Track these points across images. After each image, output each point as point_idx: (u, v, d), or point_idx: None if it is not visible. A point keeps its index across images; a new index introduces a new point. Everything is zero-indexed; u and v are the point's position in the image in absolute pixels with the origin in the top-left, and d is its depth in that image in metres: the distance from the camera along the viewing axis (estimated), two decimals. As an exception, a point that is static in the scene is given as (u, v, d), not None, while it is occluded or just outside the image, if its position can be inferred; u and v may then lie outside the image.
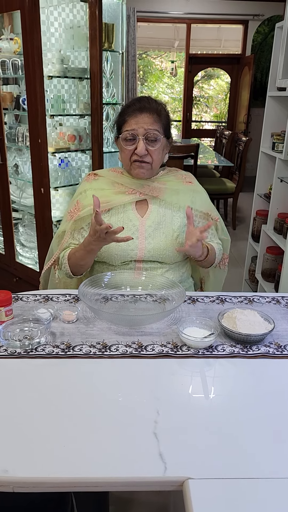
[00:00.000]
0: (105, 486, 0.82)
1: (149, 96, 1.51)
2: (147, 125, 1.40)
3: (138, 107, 1.43)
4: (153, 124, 1.41)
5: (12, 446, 0.83)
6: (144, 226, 1.47)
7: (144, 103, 1.44)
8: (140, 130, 1.40)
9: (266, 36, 7.04)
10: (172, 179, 1.56)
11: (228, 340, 1.19)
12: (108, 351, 1.12)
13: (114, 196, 1.49)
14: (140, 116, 1.41)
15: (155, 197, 1.50)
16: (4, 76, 2.67)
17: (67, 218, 1.54)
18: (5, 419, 0.90)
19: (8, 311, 1.21)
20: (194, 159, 4.32)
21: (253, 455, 0.82)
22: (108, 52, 2.70)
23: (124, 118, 1.44)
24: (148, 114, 1.41)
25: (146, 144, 1.41)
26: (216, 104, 9.36)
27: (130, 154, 1.44)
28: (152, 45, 8.75)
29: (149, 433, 0.86)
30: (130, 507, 1.62)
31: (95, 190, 1.50)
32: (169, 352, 1.12)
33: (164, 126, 1.45)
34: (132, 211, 1.49)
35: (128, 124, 1.42)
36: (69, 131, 2.59)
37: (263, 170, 2.88)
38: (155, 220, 1.48)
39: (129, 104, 1.47)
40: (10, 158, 2.81)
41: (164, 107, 1.49)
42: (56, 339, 1.17)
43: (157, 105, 1.46)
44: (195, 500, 0.72)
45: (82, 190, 1.55)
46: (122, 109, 1.49)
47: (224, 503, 0.73)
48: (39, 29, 2.22)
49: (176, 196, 1.51)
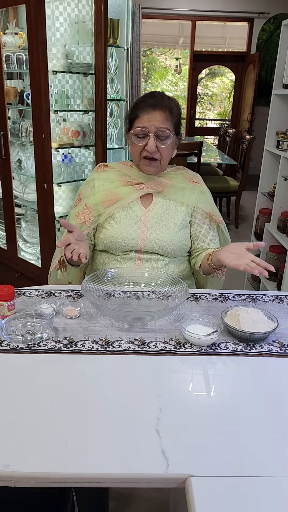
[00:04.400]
0: (107, 482, 0.81)
1: (162, 92, 1.51)
2: (159, 123, 1.41)
3: (151, 103, 1.42)
4: (164, 122, 1.41)
5: (14, 441, 0.83)
6: (147, 217, 1.49)
7: (157, 99, 1.43)
8: (152, 128, 1.41)
9: (271, 34, 7.01)
10: (179, 177, 1.57)
11: (231, 338, 1.18)
12: (110, 347, 1.12)
13: (121, 189, 1.52)
14: (153, 113, 1.41)
15: (160, 192, 1.51)
16: (8, 71, 2.65)
17: (73, 207, 1.60)
18: (7, 414, 0.89)
19: (11, 305, 1.21)
20: (197, 157, 4.31)
21: (255, 454, 0.82)
22: (113, 47, 2.69)
23: (137, 114, 1.44)
24: (160, 112, 1.41)
25: (156, 142, 1.42)
26: (220, 102, 9.32)
27: (140, 149, 1.45)
28: (157, 42, 8.71)
29: (152, 430, 0.86)
30: (130, 503, 1.62)
31: (103, 180, 1.55)
32: (171, 349, 1.12)
33: (174, 124, 1.45)
34: (136, 201, 1.51)
35: (140, 120, 1.43)
36: (73, 126, 2.58)
37: (267, 168, 2.87)
38: (158, 212, 1.50)
39: (143, 99, 1.47)
40: (13, 153, 2.80)
41: (176, 104, 1.48)
42: (58, 334, 1.17)
43: (170, 102, 1.45)
44: (198, 498, 0.71)
45: (90, 179, 1.59)
46: (135, 103, 1.48)
47: (226, 501, 0.72)
48: (44, 23, 2.21)
49: (181, 192, 1.53)
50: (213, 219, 1.57)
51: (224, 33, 8.00)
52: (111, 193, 1.51)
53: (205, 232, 1.56)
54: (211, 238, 1.57)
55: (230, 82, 8.74)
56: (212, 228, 1.58)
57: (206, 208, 1.56)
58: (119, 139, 2.92)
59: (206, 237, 1.55)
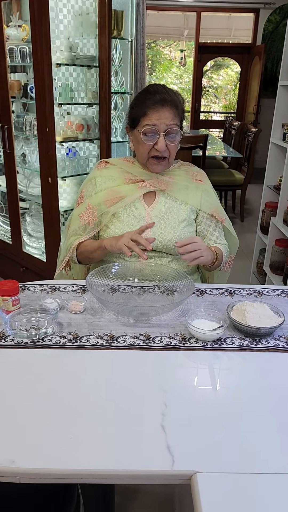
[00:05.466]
0: (112, 478, 0.81)
1: (164, 85, 1.45)
2: (169, 120, 1.37)
3: (159, 99, 1.36)
4: (173, 119, 1.38)
5: (19, 437, 0.83)
6: (150, 216, 1.47)
7: (164, 94, 1.37)
8: (162, 126, 1.37)
9: (277, 25, 6.93)
10: (182, 174, 1.54)
11: (237, 333, 1.17)
12: (115, 342, 1.11)
13: (123, 187, 1.49)
14: (162, 110, 1.36)
15: (163, 190, 1.49)
16: (12, 64, 2.64)
17: (75, 206, 1.56)
18: (11, 410, 0.89)
19: (15, 300, 1.21)
20: (202, 150, 4.28)
21: (262, 450, 0.81)
22: (117, 39, 2.66)
23: (145, 111, 1.38)
24: (169, 109, 1.37)
25: (166, 139, 1.39)
26: (225, 95, 9.24)
27: (149, 149, 1.41)
28: (161, 33, 8.64)
29: (157, 426, 0.85)
30: (135, 497, 1.62)
31: (105, 178, 1.52)
32: (177, 344, 1.11)
33: (180, 119, 1.42)
34: (139, 200, 1.49)
35: (149, 118, 1.37)
36: (77, 120, 2.56)
37: (273, 161, 2.84)
38: (161, 211, 1.48)
39: (147, 95, 1.39)
40: (17, 147, 2.79)
41: (181, 98, 1.45)
42: (63, 329, 1.16)
43: (176, 96, 1.41)
44: (204, 495, 0.71)
45: (92, 176, 1.55)
46: (139, 99, 1.42)
47: (232, 498, 0.71)
48: (48, 16, 2.19)
49: (184, 191, 1.50)
50: (216, 219, 1.54)
51: (230, 24, 7.92)
52: (114, 191, 1.49)
53: (212, 230, 1.54)
54: (217, 235, 1.55)
55: (236, 74, 8.66)
56: (218, 225, 1.56)
57: (209, 210, 1.52)
58: (123, 132, 2.90)
59: (213, 234, 1.54)
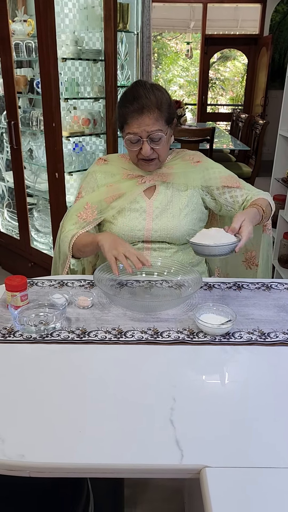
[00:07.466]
0: (121, 473, 0.82)
1: (145, 82, 1.40)
2: (149, 127, 1.35)
3: (136, 107, 1.34)
4: (155, 124, 1.35)
5: (29, 431, 0.83)
6: (152, 208, 1.47)
7: (142, 100, 1.33)
8: (143, 133, 1.36)
9: (285, 15, 6.83)
10: (179, 162, 1.53)
11: (245, 327, 1.17)
12: (123, 337, 1.11)
13: (123, 183, 1.50)
14: (142, 117, 1.34)
15: (164, 182, 1.49)
16: (17, 59, 2.63)
17: (73, 201, 1.59)
18: (21, 404, 0.90)
19: (24, 296, 1.21)
20: (209, 143, 4.24)
21: (270, 444, 0.81)
22: (122, 33, 2.64)
23: (125, 119, 1.37)
24: (149, 114, 1.34)
25: (150, 144, 1.38)
26: (232, 87, 9.16)
27: (136, 153, 1.42)
28: (167, 26, 8.56)
29: (166, 420, 0.85)
30: (145, 491, 1.63)
31: (105, 173, 1.54)
32: (185, 338, 1.11)
33: (166, 118, 1.38)
34: (139, 194, 1.49)
35: (130, 127, 1.37)
36: (84, 114, 2.56)
37: (281, 153, 2.82)
38: (162, 202, 1.48)
39: (126, 104, 1.36)
40: (24, 142, 2.80)
41: (163, 93, 1.38)
42: (71, 324, 1.16)
43: (156, 97, 1.35)
44: (213, 489, 0.71)
45: (92, 171, 1.57)
46: (120, 106, 1.40)
47: (241, 492, 0.71)
48: (53, 10, 2.18)
49: (183, 178, 1.49)
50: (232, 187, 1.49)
51: (236, 15, 7.82)
52: (114, 188, 1.49)
53: (236, 194, 1.48)
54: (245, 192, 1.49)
55: (243, 65, 8.57)
56: (234, 190, 1.49)
57: (218, 183, 1.49)
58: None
59: (238, 197, 1.48)
